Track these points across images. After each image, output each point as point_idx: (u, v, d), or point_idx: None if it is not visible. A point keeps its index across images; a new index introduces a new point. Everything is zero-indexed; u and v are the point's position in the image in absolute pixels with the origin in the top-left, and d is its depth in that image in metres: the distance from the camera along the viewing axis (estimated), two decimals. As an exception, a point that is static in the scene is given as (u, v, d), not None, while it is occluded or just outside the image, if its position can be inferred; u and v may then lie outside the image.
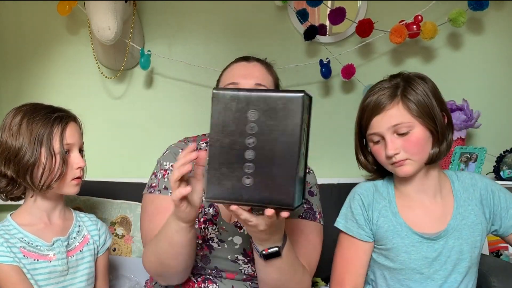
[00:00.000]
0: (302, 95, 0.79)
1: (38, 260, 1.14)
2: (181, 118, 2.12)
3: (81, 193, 1.36)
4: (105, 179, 1.90)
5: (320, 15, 2.10)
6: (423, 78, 1.18)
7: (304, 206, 1.23)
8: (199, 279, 1.18)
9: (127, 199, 1.78)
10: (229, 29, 2.10)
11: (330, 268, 1.27)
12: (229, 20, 2.10)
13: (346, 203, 1.28)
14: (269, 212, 0.84)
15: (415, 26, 1.84)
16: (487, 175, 1.93)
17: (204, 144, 1.30)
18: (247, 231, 0.94)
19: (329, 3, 2.00)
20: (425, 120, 1.13)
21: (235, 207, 0.86)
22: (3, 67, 2.14)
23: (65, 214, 1.26)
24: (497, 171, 1.88)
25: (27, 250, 1.14)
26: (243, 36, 2.10)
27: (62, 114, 1.18)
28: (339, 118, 2.06)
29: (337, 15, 1.89)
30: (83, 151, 1.25)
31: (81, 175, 1.21)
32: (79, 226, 1.27)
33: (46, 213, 1.21)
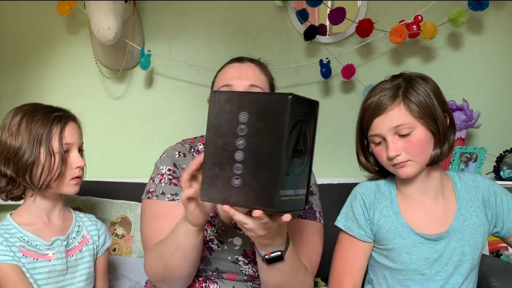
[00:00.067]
0: (289, 98, 0.77)
1: (37, 259, 1.14)
2: (181, 118, 2.12)
3: (81, 193, 1.36)
4: (105, 179, 1.90)
5: (320, 15, 2.10)
6: (424, 78, 1.17)
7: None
8: (200, 279, 1.17)
9: (127, 199, 1.78)
10: (229, 29, 2.10)
11: (330, 268, 1.27)
12: (229, 20, 2.10)
13: (347, 202, 1.27)
14: (256, 213, 0.83)
15: (415, 26, 1.84)
16: (487, 175, 1.93)
17: (201, 145, 1.30)
18: (248, 235, 0.93)
19: (329, 3, 2.00)
20: (426, 121, 1.12)
21: (227, 207, 0.86)
22: (3, 67, 2.14)
23: (64, 214, 1.26)
24: (497, 171, 1.87)
25: (27, 249, 1.14)
26: (243, 36, 2.10)
27: (61, 113, 1.18)
28: (339, 118, 2.06)
29: (337, 15, 1.89)
30: (82, 151, 1.24)
31: (81, 174, 1.21)
32: (79, 226, 1.27)
33: (45, 213, 1.21)
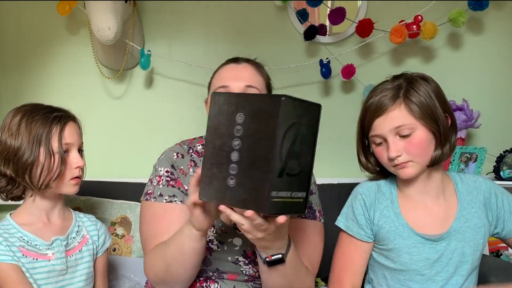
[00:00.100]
0: (281, 99, 0.77)
1: (37, 259, 1.14)
2: (181, 118, 2.12)
3: (81, 193, 1.36)
4: (105, 179, 1.90)
5: (320, 15, 2.10)
6: (426, 79, 1.16)
7: None
8: (201, 279, 1.17)
9: (127, 199, 1.78)
10: (229, 29, 2.10)
11: (330, 268, 1.27)
12: (229, 20, 2.10)
13: (348, 202, 1.27)
14: (247, 213, 0.83)
15: (415, 26, 1.84)
16: (487, 175, 1.93)
17: (200, 146, 1.30)
18: (248, 238, 0.93)
19: (329, 3, 2.00)
20: (427, 122, 1.11)
21: (223, 207, 0.87)
22: (3, 67, 2.15)
23: (64, 214, 1.26)
24: (497, 171, 1.87)
25: (26, 249, 1.14)
26: (243, 36, 2.10)
27: (61, 114, 1.18)
28: (339, 118, 2.05)
29: (337, 15, 1.89)
30: (82, 151, 1.24)
31: (80, 174, 1.21)
32: (79, 226, 1.27)
33: (45, 213, 1.21)
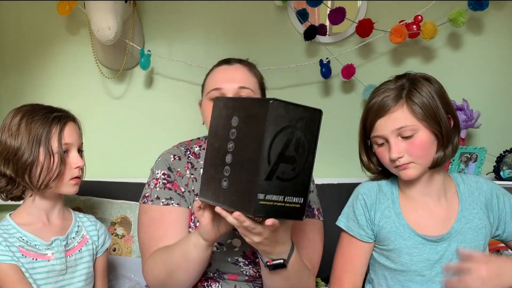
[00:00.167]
0: (270, 102, 0.78)
1: (36, 259, 1.14)
2: (181, 118, 2.12)
3: (81, 193, 1.37)
4: (105, 179, 1.90)
5: (320, 15, 2.10)
6: (429, 79, 1.15)
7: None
8: (202, 279, 1.18)
9: (127, 199, 1.78)
10: (229, 29, 2.10)
11: (330, 268, 1.27)
12: (229, 20, 2.10)
13: (349, 202, 1.27)
14: (234, 214, 0.84)
15: (415, 26, 1.84)
16: (487, 175, 1.93)
17: (197, 147, 1.29)
18: (246, 241, 0.93)
19: (329, 3, 2.00)
20: (429, 123, 1.11)
21: (219, 209, 0.87)
22: (3, 67, 2.15)
23: (64, 214, 1.26)
24: (497, 171, 1.87)
25: (26, 249, 1.14)
26: (243, 36, 2.10)
27: (60, 114, 1.18)
28: (339, 118, 2.05)
29: (337, 15, 1.89)
30: (82, 151, 1.25)
31: (80, 174, 1.21)
32: (78, 226, 1.27)
33: (45, 213, 1.21)
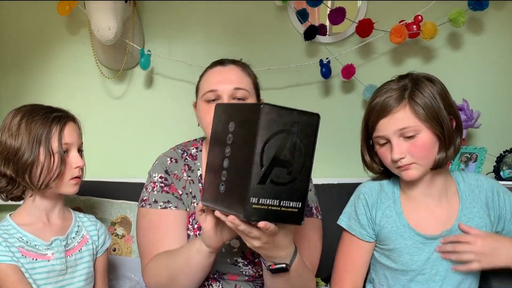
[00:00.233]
0: (261, 107, 0.79)
1: (36, 259, 1.14)
2: (181, 118, 2.12)
3: (81, 193, 1.37)
4: (105, 179, 1.90)
5: (320, 15, 2.09)
6: (431, 80, 1.15)
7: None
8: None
9: (127, 199, 1.78)
10: (229, 29, 2.10)
11: (330, 268, 1.27)
12: (229, 20, 2.10)
13: (350, 201, 1.27)
14: (229, 218, 0.84)
15: (415, 26, 1.84)
16: (487, 175, 1.92)
17: (194, 149, 1.30)
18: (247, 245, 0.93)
19: (329, 3, 2.00)
20: (432, 124, 1.11)
21: (218, 213, 0.88)
22: (3, 67, 2.15)
23: (64, 214, 1.26)
24: (497, 171, 1.87)
25: (26, 249, 1.14)
26: (243, 36, 2.09)
27: (60, 114, 1.19)
28: (339, 118, 2.05)
29: (337, 15, 1.89)
30: (82, 151, 1.25)
31: (80, 174, 1.21)
32: (78, 226, 1.27)
33: (45, 213, 1.21)
